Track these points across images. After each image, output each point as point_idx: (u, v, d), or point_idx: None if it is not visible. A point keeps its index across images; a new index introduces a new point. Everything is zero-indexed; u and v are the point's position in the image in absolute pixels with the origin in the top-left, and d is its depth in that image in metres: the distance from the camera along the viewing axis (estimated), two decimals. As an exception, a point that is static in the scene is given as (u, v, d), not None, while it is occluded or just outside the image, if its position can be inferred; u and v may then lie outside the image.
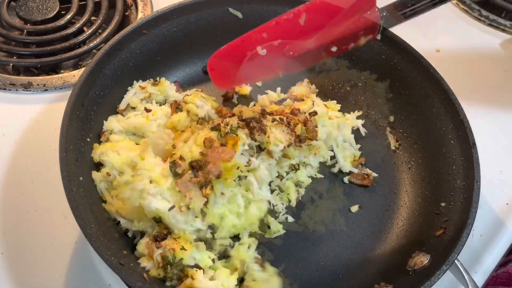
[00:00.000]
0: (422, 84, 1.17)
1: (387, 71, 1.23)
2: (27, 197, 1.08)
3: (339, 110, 1.22)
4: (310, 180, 1.12)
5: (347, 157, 1.16)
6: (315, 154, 1.12)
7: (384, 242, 1.07)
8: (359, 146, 1.19)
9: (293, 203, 1.09)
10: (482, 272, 1.08)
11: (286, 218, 1.08)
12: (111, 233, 0.95)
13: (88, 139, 1.04)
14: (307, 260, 1.04)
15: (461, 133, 1.08)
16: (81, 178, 0.96)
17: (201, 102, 1.15)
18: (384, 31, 1.14)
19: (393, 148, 1.21)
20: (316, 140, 1.09)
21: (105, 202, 0.99)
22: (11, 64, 1.28)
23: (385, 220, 1.10)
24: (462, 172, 1.05)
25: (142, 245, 0.94)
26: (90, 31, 1.36)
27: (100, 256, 0.84)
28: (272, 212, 1.07)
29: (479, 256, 1.10)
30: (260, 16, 1.25)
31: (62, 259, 1.00)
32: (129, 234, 0.98)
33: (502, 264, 1.22)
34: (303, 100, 1.19)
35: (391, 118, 1.23)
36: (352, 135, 1.19)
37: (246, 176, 0.99)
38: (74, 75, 1.26)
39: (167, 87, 1.17)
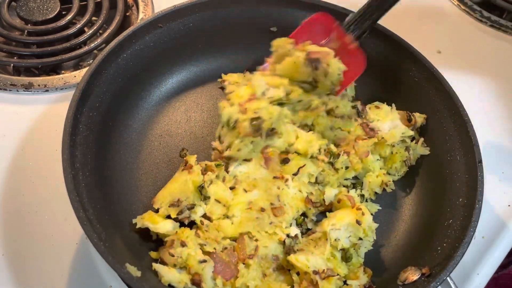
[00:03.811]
0: (432, 97, 1.16)
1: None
2: (28, 198, 1.07)
3: None
4: None
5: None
6: None
7: (378, 253, 1.05)
8: None
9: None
10: (484, 274, 1.08)
11: None
12: (114, 236, 0.94)
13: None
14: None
15: (468, 150, 1.06)
16: (83, 184, 0.95)
17: None
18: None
19: None
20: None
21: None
22: (12, 65, 1.28)
23: (382, 232, 1.08)
24: (465, 189, 1.03)
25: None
26: (91, 31, 1.36)
27: (105, 260, 0.84)
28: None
29: (481, 257, 1.09)
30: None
31: (63, 261, 1.00)
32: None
33: (503, 265, 1.22)
34: None
35: None
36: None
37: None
38: (75, 76, 1.26)
39: None
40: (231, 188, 1.03)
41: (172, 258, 0.92)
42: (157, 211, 0.99)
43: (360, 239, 1.01)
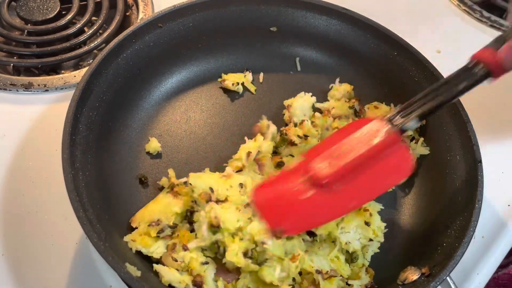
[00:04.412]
0: None
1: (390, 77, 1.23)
2: (28, 198, 1.07)
3: None
4: None
5: None
6: None
7: (378, 253, 1.05)
8: None
9: None
10: (483, 274, 1.08)
11: None
12: (114, 236, 0.94)
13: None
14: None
15: (468, 150, 1.06)
16: (83, 184, 0.95)
17: None
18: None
19: None
20: None
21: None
22: (12, 65, 1.28)
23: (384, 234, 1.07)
24: (465, 189, 1.03)
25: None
26: (90, 31, 1.36)
27: (105, 260, 0.84)
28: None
29: (480, 257, 1.09)
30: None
31: (63, 261, 1.00)
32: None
33: (503, 265, 1.22)
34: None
35: None
36: None
37: None
38: (75, 76, 1.26)
39: None
40: None
41: (175, 263, 0.92)
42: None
43: (371, 240, 1.01)
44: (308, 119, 1.17)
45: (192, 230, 0.97)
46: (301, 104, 1.20)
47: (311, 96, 1.22)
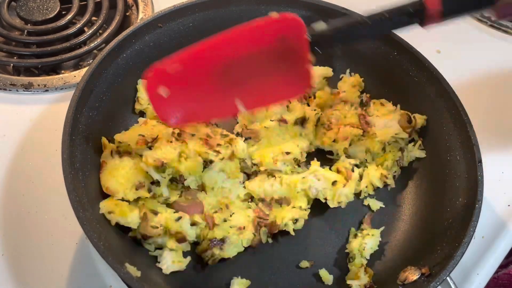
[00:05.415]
0: (432, 97, 1.16)
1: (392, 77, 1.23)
2: (28, 198, 1.07)
3: None
4: None
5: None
6: None
7: (378, 253, 1.05)
8: None
9: None
10: (484, 274, 1.08)
11: None
12: (114, 236, 0.94)
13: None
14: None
15: (468, 150, 1.06)
16: (83, 184, 0.95)
17: None
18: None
19: None
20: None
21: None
22: (12, 65, 1.28)
23: (382, 231, 1.08)
24: (465, 189, 1.03)
25: None
26: (90, 31, 1.36)
27: (105, 260, 0.84)
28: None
29: (481, 257, 1.09)
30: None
31: (63, 261, 1.00)
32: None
33: (503, 265, 1.22)
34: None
35: None
36: None
37: None
38: (74, 76, 1.26)
39: None
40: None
41: (156, 229, 0.95)
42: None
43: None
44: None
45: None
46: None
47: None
